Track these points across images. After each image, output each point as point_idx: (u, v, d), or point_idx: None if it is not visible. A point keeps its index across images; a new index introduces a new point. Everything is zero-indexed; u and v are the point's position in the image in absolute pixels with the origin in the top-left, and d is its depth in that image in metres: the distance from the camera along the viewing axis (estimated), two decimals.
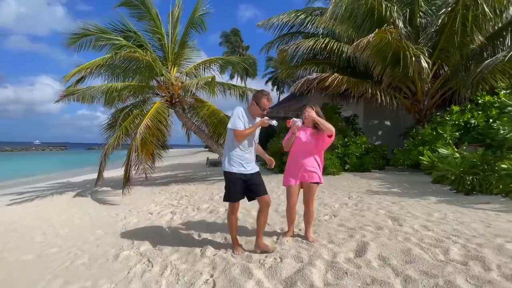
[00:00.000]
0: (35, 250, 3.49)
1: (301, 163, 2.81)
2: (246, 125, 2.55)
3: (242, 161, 2.59)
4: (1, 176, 15.25)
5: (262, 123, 2.58)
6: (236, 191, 2.61)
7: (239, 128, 2.50)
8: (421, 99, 8.92)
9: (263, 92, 2.66)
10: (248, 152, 2.64)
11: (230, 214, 2.75)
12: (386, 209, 3.88)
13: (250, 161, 2.65)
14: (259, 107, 2.58)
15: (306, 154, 2.81)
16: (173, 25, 7.57)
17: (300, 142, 2.82)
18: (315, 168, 2.81)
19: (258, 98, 2.59)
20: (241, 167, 2.59)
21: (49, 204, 6.59)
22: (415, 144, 7.29)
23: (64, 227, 4.52)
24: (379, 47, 6.85)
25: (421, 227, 3.05)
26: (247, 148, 2.64)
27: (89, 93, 6.19)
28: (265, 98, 2.58)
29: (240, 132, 2.50)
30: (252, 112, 2.62)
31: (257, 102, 2.57)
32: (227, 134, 2.66)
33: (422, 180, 6.02)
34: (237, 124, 2.51)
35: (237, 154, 2.59)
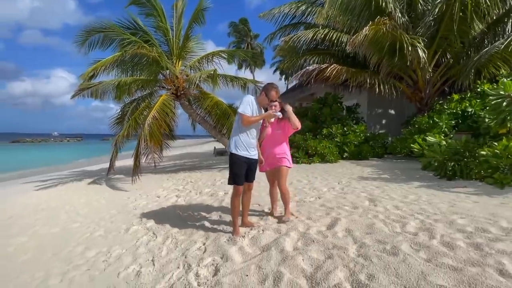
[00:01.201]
0: (60, 225, 4.10)
1: (272, 152, 3.15)
2: (254, 113, 2.80)
3: (248, 146, 2.82)
4: (27, 165, 16.42)
5: (268, 115, 2.84)
6: (241, 173, 2.82)
7: (247, 113, 2.73)
8: (423, 88, 8.97)
9: (273, 85, 2.93)
10: (253, 138, 2.88)
11: (234, 197, 2.91)
12: (368, 192, 4.23)
13: (254, 147, 2.90)
14: (267, 98, 2.87)
15: (275, 143, 3.16)
16: (177, 20, 7.92)
17: (270, 133, 3.16)
18: (284, 154, 3.16)
19: (268, 90, 2.87)
20: (246, 151, 2.82)
21: (69, 189, 7.29)
22: (412, 132, 7.47)
23: (83, 207, 5.15)
24: (374, 39, 6.98)
25: (393, 207, 3.40)
26: (253, 134, 2.87)
27: (101, 88, 6.71)
28: (274, 91, 2.86)
29: (248, 118, 2.72)
30: (261, 101, 2.90)
31: (266, 93, 2.86)
32: (236, 118, 2.90)
33: (414, 167, 6.28)
34: (246, 109, 2.74)
35: (244, 138, 2.81)
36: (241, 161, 2.82)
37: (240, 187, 2.89)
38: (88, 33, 6.85)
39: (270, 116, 2.84)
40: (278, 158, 3.15)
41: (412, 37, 7.14)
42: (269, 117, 2.86)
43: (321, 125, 9.18)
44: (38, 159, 20.36)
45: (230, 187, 3.03)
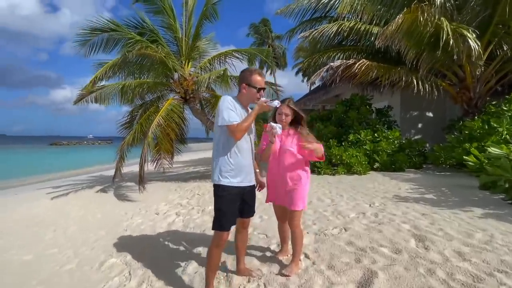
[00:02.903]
0: (37, 250, 3.56)
1: (281, 181, 2.23)
2: (242, 117, 1.92)
3: (241, 169, 1.95)
4: (53, 168, 17.01)
5: (261, 108, 1.96)
6: (232, 212, 1.96)
7: (235, 121, 1.85)
8: (471, 86, 7.55)
9: (250, 69, 2.09)
10: (247, 156, 2.01)
11: (214, 247, 1.98)
12: (412, 223, 3.19)
13: (250, 169, 2.04)
14: (252, 88, 1.95)
15: (286, 168, 2.22)
16: (187, 18, 7.36)
17: (277, 151, 2.24)
18: (298, 188, 2.21)
19: (247, 77, 1.97)
20: (239, 177, 1.94)
21: (74, 198, 6.97)
22: (460, 139, 6.16)
23: (75, 224, 4.64)
24: (411, 30, 5.82)
25: (455, 253, 2.37)
26: (246, 151, 2.00)
27: (104, 93, 6.28)
28: (256, 74, 1.97)
29: (238, 126, 1.84)
30: (245, 99, 2.01)
31: (248, 83, 1.96)
32: (216, 135, 1.99)
33: (467, 184, 5.02)
34: (231, 117, 1.85)
35: (235, 159, 1.93)
36: (232, 194, 1.93)
37: (226, 234, 1.96)
38: (90, 33, 6.42)
39: (263, 108, 1.96)
40: (289, 194, 2.22)
41: (459, 25, 5.87)
42: (262, 109, 1.97)
43: (347, 130, 8.07)
44: (67, 163, 21.18)
45: None
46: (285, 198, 2.25)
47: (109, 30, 6.25)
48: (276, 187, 2.29)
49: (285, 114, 2.20)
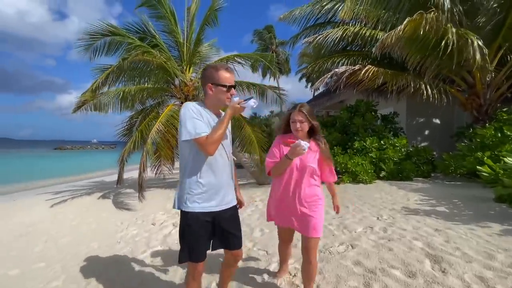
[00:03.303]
0: (25, 264, 3.37)
1: (295, 202, 1.90)
2: (210, 125, 1.58)
3: (216, 191, 1.62)
4: (55, 173, 16.97)
5: (234, 111, 1.59)
6: (199, 243, 1.61)
7: (203, 133, 1.51)
8: (481, 92, 7.29)
9: (214, 65, 1.74)
10: (223, 173, 1.66)
11: (191, 279, 1.68)
12: (425, 240, 2.94)
13: (228, 189, 1.70)
14: (220, 87, 1.59)
15: (304, 187, 1.89)
16: (189, 23, 7.28)
17: (297, 167, 1.90)
18: (316, 210, 1.89)
19: (212, 74, 1.61)
20: (214, 200, 1.62)
21: (72, 206, 6.81)
22: (472, 148, 5.89)
23: (68, 235, 4.46)
24: (414, 36, 5.62)
25: (477, 278, 2.13)
26: (221, 167, 1.65)
27: (103, 100, 6.16)
28: (222, 70, 1.62)
29: (208, 139, 1.50)
30: (213, 102, 1.64)
31: (215, 82, 1.60)
32: (181, 150, 1.64)
33: (481, 195, 4.74)
34: (197, 127, 1.51)
35: (206, 179, 1.59)
36: (199, 222, 1.59)
37: (200, 265, 1.64)
38: (91, 37, 6.37)
39: (237, 110, 1.59)
40: (306, 218, 1.87)
41: (465, 31, 5.66)
42: (236, 111, 1.60)
43: (352, 137, 7.83)
44: (69, 167, 21.17)
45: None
46: (298, 222, 1.92)
47: (110, 34, 6.17)
48: (287, 208, 1.94)
49: (300, 121, 1.89)
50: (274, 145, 2.00)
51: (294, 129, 1.93)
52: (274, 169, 1.93)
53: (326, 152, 1.96)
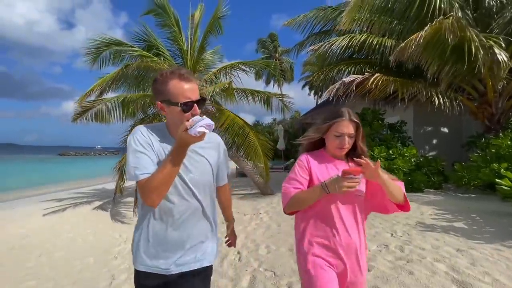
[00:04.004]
0: (15, 281, 3.15)
1: (345, 250, 1.29)
2: (160, 155, 1.11)
3: (172, 245, 1.15)
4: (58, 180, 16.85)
5: (183, 140, 1.02)
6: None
7: (143, 175, 1.04)
8: (493, 101, 7.07)
9: (162, 73, 1.12)
10: (175, 221, 1.15)
11: None
12: (448, 262, 2.68)
13: (193, 242, 1.18)
14: (173, 106, 1.08)
15: (355, 227, 1.33)
16: (193, 30, 7.21)
17: (344, 198, 1.30)
18: (365, 260, 1.36)
19: (160, 88, 1.10)
20: (165, 259, 1.15)
21: (69, 216, 6.61)
22: (487, 159, 5.63)
23: (62, 249, 4.25)
24: (433, 42, 5.45)
25: None
26: (180, 213, 1.15)
27: (104, 108, 6.06)
28: (175, 80, 1.08)
29: (148, 182, 1.03)
30: (172, 123, 1.15)
31: (164, 98, 1.09)
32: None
33: (500, 210, 4.46)
34: (139, 166, 1.06)
35: (155, 229, 1.15)
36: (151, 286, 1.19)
37: None
38: (99, 50, 6.38)
39: (186, 139, 1.01)
40: (360, 280, 1.32)
41: (486, 36, 5.49)
42: (186, 141, 1.02)
43: None
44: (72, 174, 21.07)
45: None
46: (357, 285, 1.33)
47: (114, 45, 6.14)
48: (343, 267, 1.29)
49: (349, 135, 1.31)
50: (298, 167, 1.37)
51: (337, 146, 1.33)
52: (295, 201, 1.30)
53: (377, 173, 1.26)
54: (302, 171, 1.35)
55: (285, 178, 1.39)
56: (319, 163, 1.37)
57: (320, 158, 1.39)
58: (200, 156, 1.19)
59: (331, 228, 1.29)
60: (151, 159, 1.08)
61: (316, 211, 1.31)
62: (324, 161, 1.38)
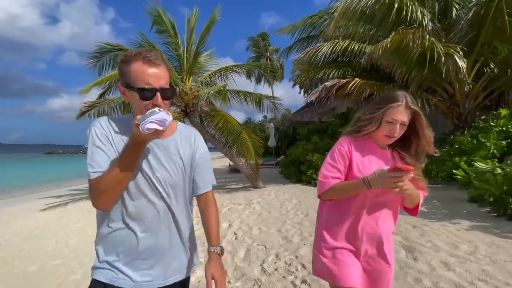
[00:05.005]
0: (40, 261, 3.64)
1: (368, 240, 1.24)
2: (117, 149, 0.96)
3: (124, 253, 0.98)
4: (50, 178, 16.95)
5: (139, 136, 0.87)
6: None
7: (95, 173, 0.92)
8: (461, 102, 7.88)
9: (126, 54, 0.96)
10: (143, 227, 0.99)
11: None
12: (403, 234, 3.36)
13: (149, 253, 1.00)
14: (132, 91, 0.92)
15: (387, 222, 1.27)
16: (189, 34, 7.69)
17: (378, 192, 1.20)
18: (393, 254, 1.30)
19: (123, 69, 0.95)
20: (119, 267, 0.98)
21: (73, 210, 7.03)
22: (451, 153, 6.41)
23: (76, 236, 4.73)
24: (399, 50, 6.18)
25: (441, 264, 2.54)
26: (144, 214, 0.99)
27: (107, 107, 6.51)
28: (138, 62, 0.92)
29: (98, 182, 0.91)
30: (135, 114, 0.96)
31: (126, 83, 0.94)
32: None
33: (456, 196, 5.22)
34: (92, 162, 0.93)
35: (117, 235, 0.98)
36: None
37: None
38: (100, 54, 6.81)
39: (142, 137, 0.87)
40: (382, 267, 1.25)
41: (446, 45, 6.24)
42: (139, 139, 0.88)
43: None
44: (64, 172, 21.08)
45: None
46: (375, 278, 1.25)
47: (115, 50, 6.59)
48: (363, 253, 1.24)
49: (402, 123, 1.19)
50: (338, 153, 1.24)
51: (386, 134, 1.20)
52: (332, 192, 1.21)
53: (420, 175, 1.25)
54: (342, 158, 1.23)
55: (324, 163, 1.26)
56: (361, 151, 1.24)
57: (363, 145, 1.25)
58: (168, 151, 1.01)
59: (360, 212, 1.22)
60: (108, 155, 0.93)
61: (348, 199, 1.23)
62: (366, 149, 1.25)
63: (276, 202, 5.86)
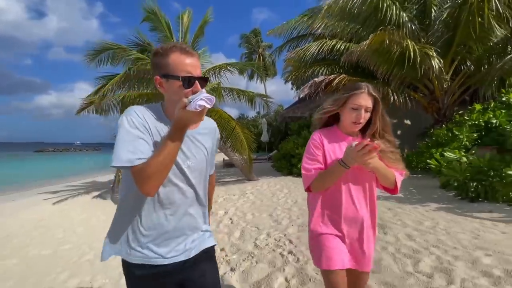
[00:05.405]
0: (53, 246, 3.98)
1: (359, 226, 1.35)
2: (156, 139, 1.01)
3: (169, 234, 1.08)
4: (43, 175, 16.98)
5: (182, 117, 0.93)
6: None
7: (140, 160, 0.93)
8: (440, 98, 8.44)
9: (162, 47, 1.03)
10: (172, 209, 1.07)
11: None
12: (379, 215, 3.82)
13: (189, 230, 1.13)
14: (173, 80, 0.99)
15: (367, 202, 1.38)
16: (183, 35, 7.97)
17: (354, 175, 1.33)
18: (372, 235, 1.40)
19: (160, 62, 1.01)
20: (166, 247, 1.08)
21: (74, 203, 7.30)
22: (429, 145, 6.95)
23: (81, 225, 5.05)
24: (380, 49, 6.65)
25: (405, 236, 3.01)
26: (177, 202, 1.08)
27: (105, 104, 6.79)
28: (176, 53, 0.99)
29: (141, 171, 0.93)
30: (170, 104, 1.04)
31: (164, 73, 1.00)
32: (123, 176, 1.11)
33: (431, 184, 5.76)
34: (133, 148, 0.95)
35: (150, 219, 1.06)
36: (136, 278, 1.08)
37: None
38: (99, 52, 7.08)
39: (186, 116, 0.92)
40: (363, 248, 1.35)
41: (423, 46, 6.74)
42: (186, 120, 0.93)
43: None
44: (58, 169, 21.05)
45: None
46: (357, 256, 1.35)
47: (114, 48, 6.86)
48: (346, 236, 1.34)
49: (366, 108, 1.29)
50: (312, 146, 1.36)
51: (353, 120, 1.30)
52: (318, 181, 1.30)
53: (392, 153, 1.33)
54: (317, 149, 1.34)
55: (303, 159, 1.37)
56: (331, 141, 1.35)
57: (333, 135, 1.36)
58: (197, 142, 1.11)
59: (339, 201, 1.31)
60: (148, 142, 0.97)
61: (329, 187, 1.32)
62: (336, 138, 1.36)
63: (268, 192, 6.29)
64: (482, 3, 6.21)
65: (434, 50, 6.63)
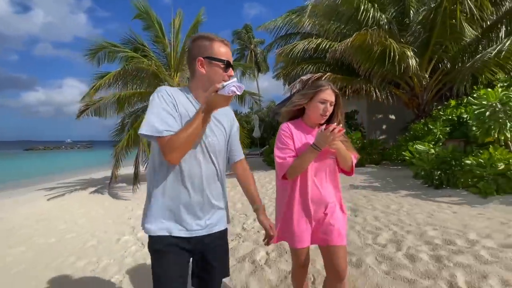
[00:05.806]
0: (57, 235, 4.32)
1: (322, 206, 1.51)
2: (186, 115, 1.11)
3: (179, 208, 1.15)
4: (37, 172, 17.01)
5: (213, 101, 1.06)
6: (167, 277, 1.13)
7: (166, 132, 1.05)
8: (419, 94, 8.97)
9: (206, 35, 1.18)
10: (200, 185, 1.17)
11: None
12: (354, 201, 4.30)
13: (208, 206, 1.21)
14: (217, 63, 1.14)
15: (329, 185, 1.56)
16: (175, 35, 8.24)
17: (315, 163, 1.49)
18: (338, 212, 1.56)
19: (205, 46, 1.15)
20: (186, 221, 1.16)
21: (72, 198, 7.58)
22: (407, 139, 7.47)
23: (82, 217, 5.38)
24: (362, 48, 7.10)
25: (372, 217, 3.48)
26: (197, 176, 1.16)
27: (102, 105, 7.07)
28: (218, 42, 1.16)
29: (169, 142, 1.04)
30: (205, 86, 1.14)
31: (209, 55, 1.14)
32: (152, 150, 1.20)
33: (407, 175, 6.29)
34: (162, 121, 1.06)
35: (173, 193, 1.15)
36: (163, 247, 1.15)
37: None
38: (96, 50, 7.32)
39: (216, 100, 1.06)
40: (337, 223, 1.50)
41: (402, 45, 7.21)
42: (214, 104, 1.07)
43: None
44: (51, 167, 21.03)
45: None
46: (322, 232, 1.49)
47: (110, 46, 7.13)
48: (314, 218, 1.49)
49: (331, 103, 1.48)
50: (283, 136, 1.50)
51: (320, 113, 1.47)
52: (293, 168, 1.43)
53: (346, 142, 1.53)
54: (288, 139, 1.50)
55: (275, 149, 1.50)
56: (298, 131, 1.52)
57: (299, 126, 1.54)
58: (218, 122, 1.22)
59: (305, 185, 1.47)
60: (175, 118, 1.07)
61: None
62: (302, 129, 1.54)
63: (257, 184, 6.68)
64: (455, 6, 6.69)
65: (411, 50, 7.10)
